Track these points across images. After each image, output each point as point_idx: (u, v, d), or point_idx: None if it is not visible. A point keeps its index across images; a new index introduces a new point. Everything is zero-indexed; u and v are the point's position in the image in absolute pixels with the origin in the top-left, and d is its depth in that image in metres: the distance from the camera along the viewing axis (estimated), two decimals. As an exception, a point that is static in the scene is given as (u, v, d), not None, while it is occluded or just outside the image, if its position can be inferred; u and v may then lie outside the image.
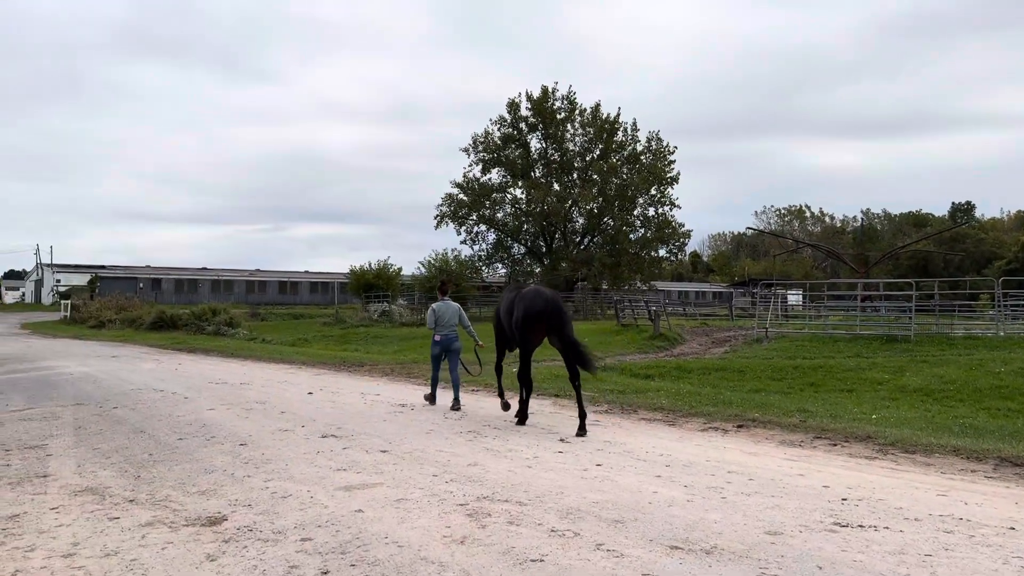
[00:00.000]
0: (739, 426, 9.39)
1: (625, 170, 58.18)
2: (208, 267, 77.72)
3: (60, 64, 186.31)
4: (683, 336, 23.95)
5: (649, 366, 17.14)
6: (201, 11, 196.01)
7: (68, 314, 47.38)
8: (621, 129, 58.57)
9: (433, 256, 50.20)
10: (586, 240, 60.60)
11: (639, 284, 59.74)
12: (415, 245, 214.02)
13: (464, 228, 59.36)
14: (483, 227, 60.05)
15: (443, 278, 15.41)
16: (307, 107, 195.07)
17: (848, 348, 19.38)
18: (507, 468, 7.17)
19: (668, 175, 57.21)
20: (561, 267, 57.35)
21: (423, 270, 49.68)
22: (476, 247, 59.35)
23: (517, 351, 10.07)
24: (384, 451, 8.04)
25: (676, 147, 58.20)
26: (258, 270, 79.99)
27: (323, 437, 8.90)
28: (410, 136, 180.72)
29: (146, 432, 9.53)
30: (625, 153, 58.80)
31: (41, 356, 23.54)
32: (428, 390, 12.22)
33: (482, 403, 11.96)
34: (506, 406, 10.49)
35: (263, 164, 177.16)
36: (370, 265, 47.37)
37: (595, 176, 57.84)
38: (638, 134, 58.93)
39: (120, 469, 7.57)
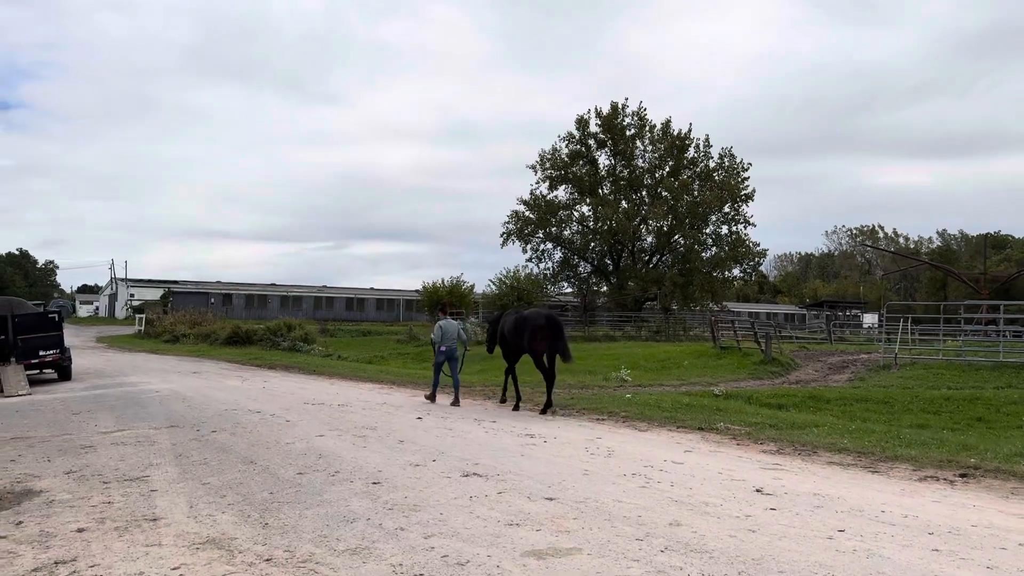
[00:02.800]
0: (961, 475, 7.69)
1: (697, 187, 56.30)
2: (277, 283, 78.24)
3: (131, 87, 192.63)
4: (795, 361, 22.05)
5: (776, 395, 15.41)
6: (268, 34, 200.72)
7: (143, 328, 47.49)
8: (693, 145, 56.89)
9: (504, 273, 48.99)
10: (655, 259, 58.82)
11: (712, 305, 57.58)
12: (471, 264, 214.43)
13: (530, 246, 58.26)
14: (549, 245, 58.85)
15: (443, 300, 17.94)
16: (368, 128, 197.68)
17: (994, 377, 17.31)
18: (724, 531, 5.65)
19: (743, 192, 55.05)
20: (629, 286, 55.62)
21: (494, 287, 48.48)
22: (542, 265, 58.15)
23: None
24: (550, 499, 6.59)
25: (750, 164, 56.14)
26: (325, 286, 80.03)
27: (465, 476, 7.53)
28: (466, 156, 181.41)
29: (257, 464, 8.31)
30: (697, 169, 56.98)
31: (121, 371, 22.92)
32: (432, 396, 14.50)
33: (564, 431, 10.45)
34: (503, 400, 14.10)
35: (326, 184, 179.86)
36: (443, 282, 46.42)
37: (665, 193, 56.12)
38: (711, 150, 57.13)
39: (241, 513, 6.30)
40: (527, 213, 57.48)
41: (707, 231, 56.99)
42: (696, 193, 55.83)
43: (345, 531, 5.73)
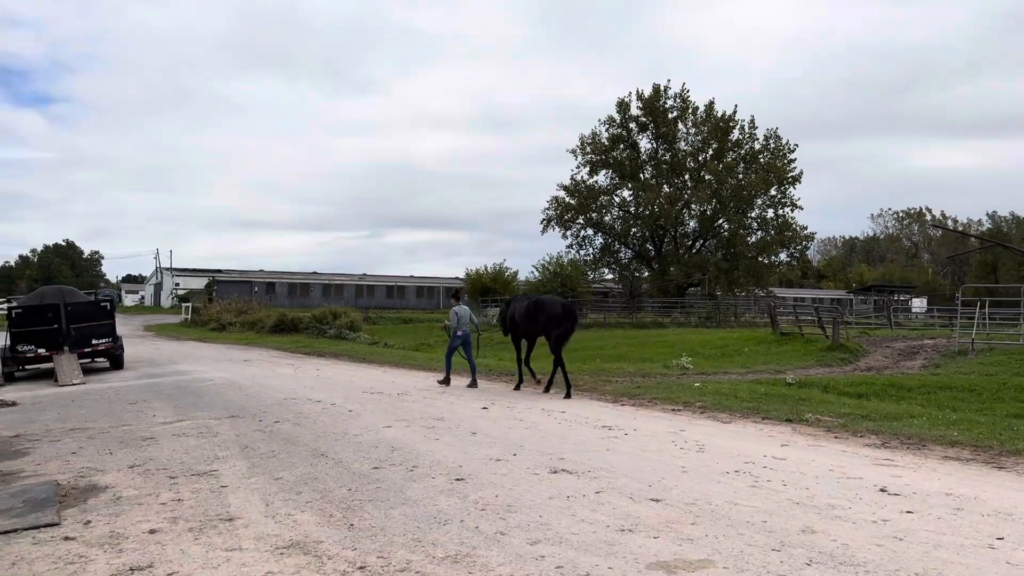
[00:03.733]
0: (1106, 473, 6.91)
1: (741, 169, 54.92)
2: (318, 271, 78.50)
3: (170, 79, 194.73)
4: (862, 347, 21.08)
5: (852, 383, 14.58)
6: (304, 23, 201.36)
7: (189, 317, 47.85)
8: (737, 127, 55.33)
9: (547, 259, 48.32)
10: (698, 244, 57.63)
11: (757, 290, 56.32)
12: (508, 251, 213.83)
13: (570, 232, 57.44)
14: (590, 231, 57.97)
15: (456, 287, 17.99)
16: (404, 117, 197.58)
17: (1086, 364, 16.26)
18: (867, 539, 4.99)
19: (790, 174, 53.51)
20: (671, 272, 54.58)
21: (537, 274, 47.88)
22: (583, 251, 57.35)
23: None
24: (656, 500, 5.99)
25: (797, 145, 54.56)
26: (365, 274, 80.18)
27: (553, 472, 6.96)
28: (502, 143, 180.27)
29: (328, 457, 7.86)
30: (742, 152, 55.50)
31: (171, 360, 22.83)
32: (447, 380, 14.70)
33: (642, 422, 9.80)
34: (518, 387, 14.16)
35: (363, 173, 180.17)
36: (486, 269, 45.97)
37: (709, 176, 54.78)
38: (756, 132, 55.53)
39: (322, 512, 5.81)
40: (567, 199, 56.64)
41: (752, 215, 55.62)
42: (741, 176, 54.43)
43: (439, 534, 5.20)
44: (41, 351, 18.99)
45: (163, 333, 40.02)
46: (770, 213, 55.13)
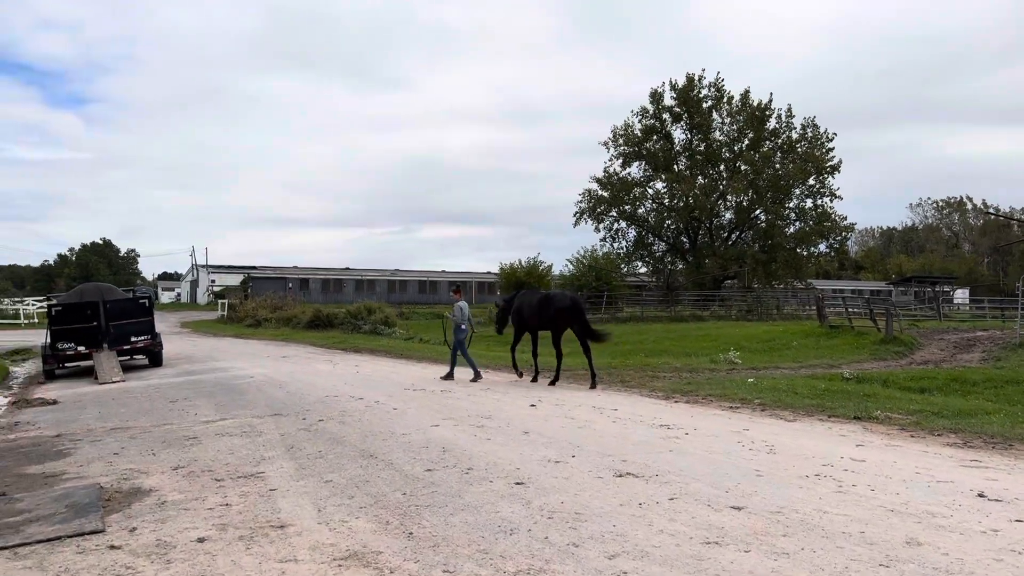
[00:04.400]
0: None
1: (779, 159, 53.86)
2: (351, 267, 78.71)
3: (201, 78, 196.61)
4: (916, 340, 20.30)
5: (913, 377, 13.94)
6: (333, 21, 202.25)
7: (225, 313, 48.09)
8: (774, 116, 54.24)
9: (581, 253, 47.70)
10: (734, 235, 56.69)
11: (796, 282, 55.24)
12: (539, 246, 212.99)
13: (603, 225, 56.87)
14: (623, 223, 57.33)
15: (456, 283, 17.51)
16: (433, 112, 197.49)
17: None
18: (984, 553, 4.51)
19: (828, 163, 52.31)
20: (706, 264, 53.69)
21: (571, 267, 47.36)
22: (616, 244, 56.69)
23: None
24: (738, 508, 5.54)
25: (835, 134, 53.34)
26: (398, 270, 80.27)
27: (619, 476, 6.54)
28: (531, 137, 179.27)
29: (378, 458, 7.54)
30: (779, 141, 54.42)
31: (210, 356, 22.80)
32: (477, 376, 14.82)
33: (701, 421, 9.31)
34: (520, 375, 14.96)
35: (393, 169, 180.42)
36: (520, 263, 45.45)
37: (745, 167, 53.85)
38: (793, 121, 54.37)
39: (378, 519, 5.47)
40: (600, 191, 56.05)
41: (790, 205, 54.58)
42: (778, 166, 53.42)
43: (507, 545, 4.81)
44: (81, 348, 18.97)
45: (200, 330, 40.26)
46: (808, 203, 54.09)
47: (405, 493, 6.16)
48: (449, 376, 14.95)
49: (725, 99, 54.53)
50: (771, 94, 55.63)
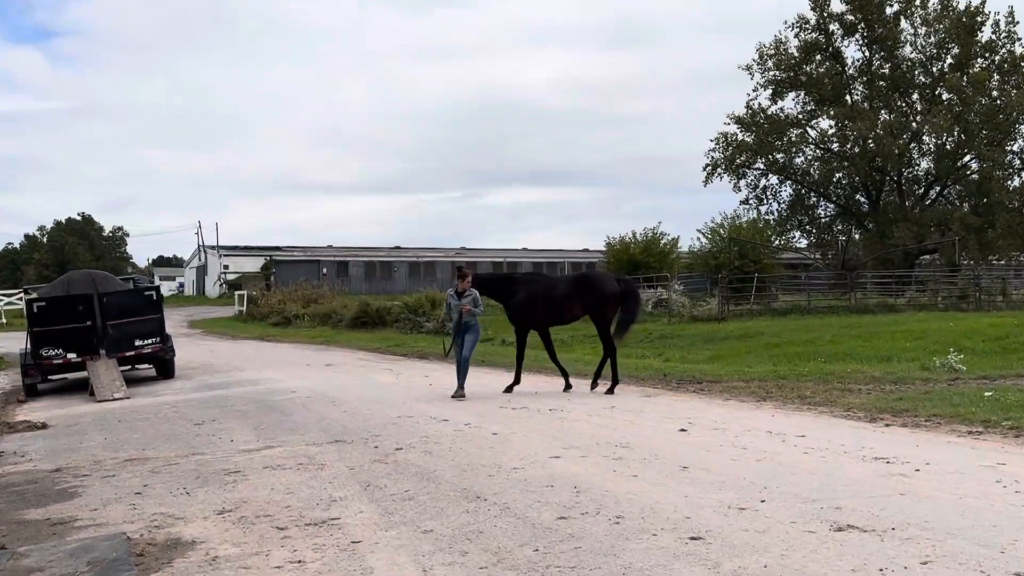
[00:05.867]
0: None
1: (996, 83, 51.93)
2: (402, 246, 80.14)
3: (205, 3, 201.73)
4: None
5: None
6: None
7: (244, 308, 49.58)
8: (989, 23, 52.30)
9: (717, 222, 47.16)
10: (933, 193, 55.11)
11: (1021, 256, 53.31)
12: (649, 212, 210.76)
13: (746, 182, 56.23)
14: (774, 179, 56.67)
15: (461, 264, 19.91)
16: (506, 33, 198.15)
17: None
18: None
19: (1073, 88, 50.18)
20: (894, 233, 52.12)
21: (704, 240, 46.85)
22: (764, 208, 55.89)
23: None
24: (1026, 574, 5.19)
25: (1084, 44, 50.93)
26: (464, 248, 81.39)
27: (838, 530, 6.30)
28: (641, 64, 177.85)
29: (488, 500, 7.54)
30: (996, 58, 52.50)
31: (234, 365, 23.46)
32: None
33: (929, 452, 8.84)
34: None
35: (451, 113, 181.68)
36: (634, 236, 45.32)
37: (948, 95, 52.18)
38: (1016, 30, 52.19)
39: (507, 587, 5.37)
40: (741, 135, 55.27)
41: (1013, 148, 52.65)
42: (995, 93, 51.52)
43: (701, 628, 4.62)
44: (72, 356, 19.59)
45: (214, 330, 41.66)
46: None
47: (537, 549, 6.07)
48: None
49: (917, 2, 52.91)
50: (982, -7, 53.42)
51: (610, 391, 15.07)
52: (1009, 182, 52.31)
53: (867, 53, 54.41)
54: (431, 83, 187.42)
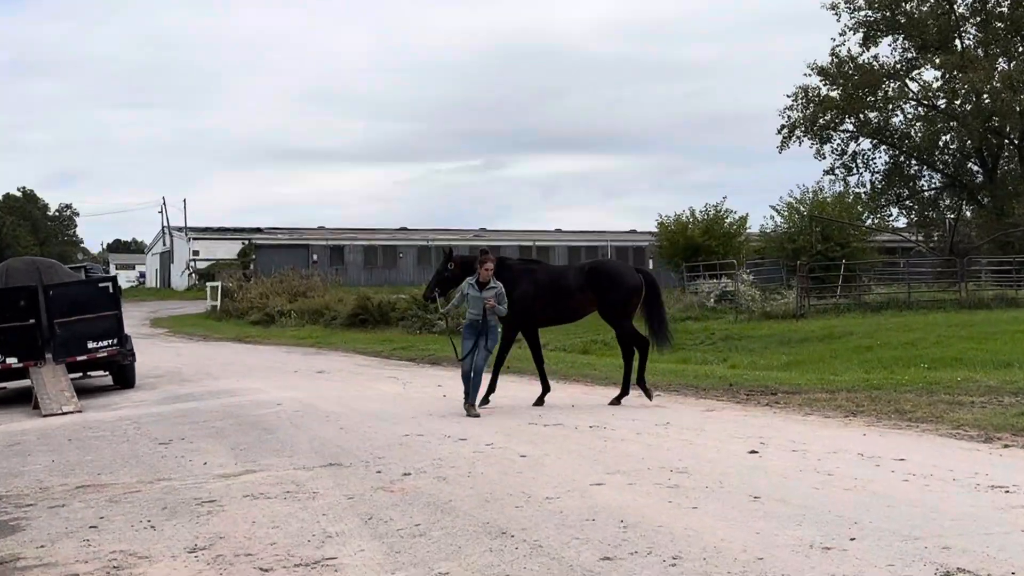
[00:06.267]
0: None
1: None
2: (409, 227, 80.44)
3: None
4: None
5: None
6: None
7: (218, 304, 49.98)
8: None
9: (799, 195, 47.04)
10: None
11: None
12: (711, 184, 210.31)
13: (831, 146, 56.44)
14: (866, 143, 56.79)
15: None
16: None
17: None
18: None
19: None
20: (1015, 210, 52.08)
21: (780, 220, 46.83)
22: (854, 178, 55.95)
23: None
24: None
25: None
26: (484, 229, 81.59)
27: (945, 575, 6.33)
28: (699, 3, 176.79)
29: (515, 536, 7.65)
30: None
31: (206, 372, 23.79)
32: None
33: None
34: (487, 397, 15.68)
35: (470, 65, 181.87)
36: (692, 215, 45.20)
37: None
38: None
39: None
40: (825, 89, 55.37)
41: None
42: None
43: None
44: (11, 361, 19.82)
45: (182, 330, 42.10)
46: None
47: (583, 608, 6.16)
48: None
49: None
50: None
51: (616, 401, 15.60)
52: None
53: (982, -11, 54.41)
54: (445, 29, 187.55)
